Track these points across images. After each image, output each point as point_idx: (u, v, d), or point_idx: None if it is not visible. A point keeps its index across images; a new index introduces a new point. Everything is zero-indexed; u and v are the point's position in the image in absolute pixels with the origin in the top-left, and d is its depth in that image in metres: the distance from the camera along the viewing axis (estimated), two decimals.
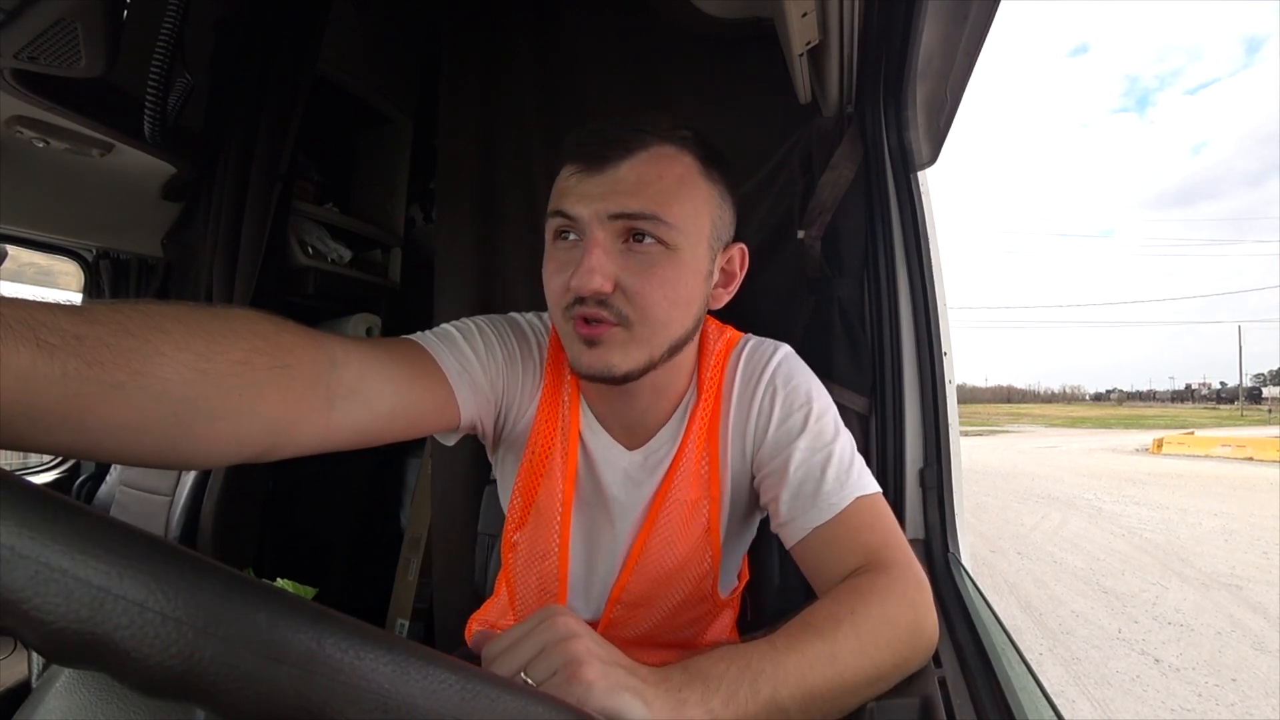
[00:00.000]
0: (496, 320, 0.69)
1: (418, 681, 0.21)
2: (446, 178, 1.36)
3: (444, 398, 0.60)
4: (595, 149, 0.56)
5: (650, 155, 0.56)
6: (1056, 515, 6.92)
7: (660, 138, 0.57)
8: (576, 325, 0.57)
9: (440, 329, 0.65)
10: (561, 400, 0.69)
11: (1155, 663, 3.23)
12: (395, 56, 1.82)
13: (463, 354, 0.62)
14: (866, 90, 0.97)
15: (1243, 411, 61.22)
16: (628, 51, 1.24)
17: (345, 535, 1.87)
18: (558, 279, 0.57)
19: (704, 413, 0.67)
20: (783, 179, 1.09)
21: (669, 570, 0.69)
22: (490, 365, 0.65)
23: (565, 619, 0.39)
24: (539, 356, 0.69)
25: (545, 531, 0.70)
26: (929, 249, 0.97)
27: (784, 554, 0.92)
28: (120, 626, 0.18)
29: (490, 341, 0.66)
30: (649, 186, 0.55)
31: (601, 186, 0.55)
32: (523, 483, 0.70)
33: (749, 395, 0.67)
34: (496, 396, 0.66)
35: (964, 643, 0.60)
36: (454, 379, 0.61)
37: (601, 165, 0.55)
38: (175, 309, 0.41)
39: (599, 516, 0.71)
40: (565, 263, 0.57)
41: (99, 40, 0.89)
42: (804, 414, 0.64)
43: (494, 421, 0.68)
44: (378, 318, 1.78)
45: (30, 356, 0.32)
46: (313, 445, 0.49)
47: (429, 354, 0.60)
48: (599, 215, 0.55)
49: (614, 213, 0.54)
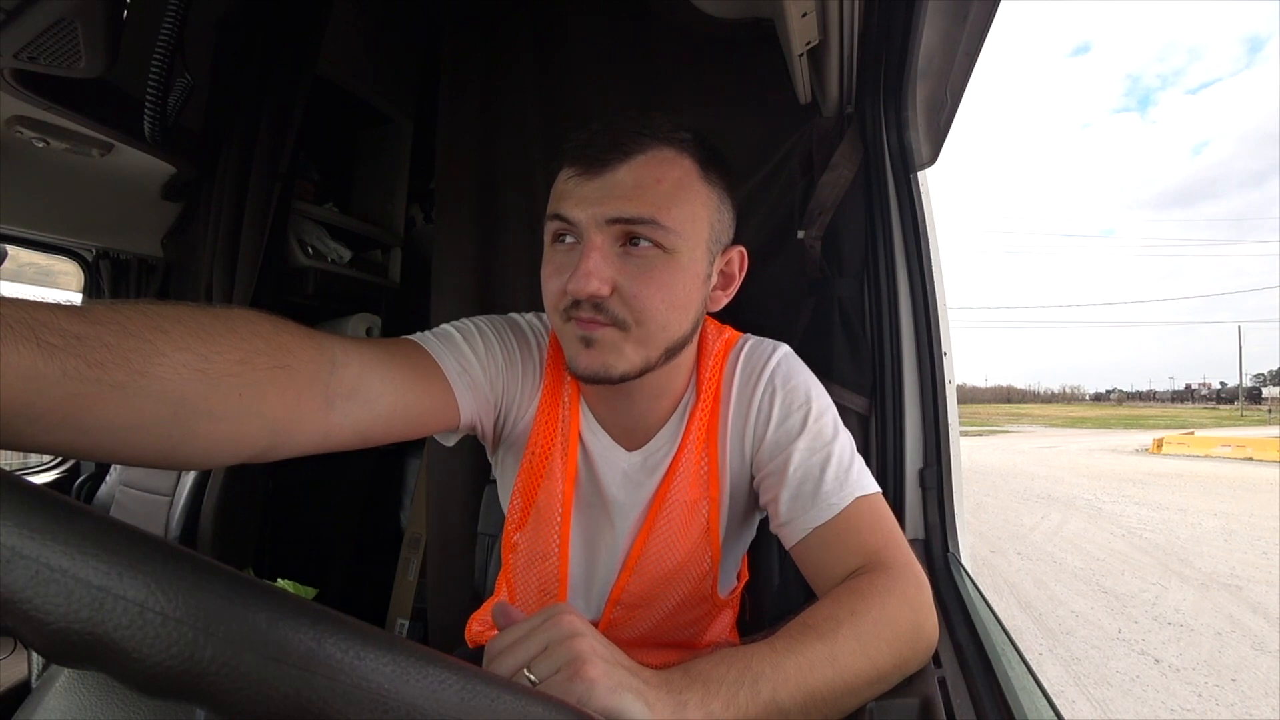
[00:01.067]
0: (496, 321, 0.69)
1: (418, 681, 0.21)
2: (446, 178, 1.36)
3: (444, 398, 0.60)
4: (594, 152, 0.56)
5: (649, 158, 0.56)
6: (1056, 515, 6.92)
7: (659, 140, 0.57)
8: (575, 326, 0.57)
9: (440, 329, 0.65)
10: (561, 401, 0.69)
11: (1155, 663, 3.23)
12: (395, 56, 1.81)
13: (462, 354, 0.63)
14: (866, 90, 0.97)
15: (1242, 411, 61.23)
16: (628, 51, 1.24)
17: (345, 535, 1.87)
18: (555, 281, 0.57)
19: (703, 413, 0.67)
20: (783, 179, 1.09)
21: (668, 571, 0.69)
22: (490, 366, 0.65)
23: (570, 617, 0.39)
24: (539, 357, 0.69)
25: (545, 532, 0.70)
26: (929, 249, 0.97)
27: (784, 554, 0.92)
28: (120, 627, 0.18)
29: (490, 342, 0.66)
30: (647, 190, 0.55)
31: (599, 190, 0.55)
32: (523, 483, 0.70)
33: (748, 395, 0.67)
34: (496, 397, 0.66)
35: (964, 643, 0.60)
36: (454, 379, 0.61)
37: (600, 169, 0.55)
38: (175, 309, 0.41)
39: (599, 517, 0.71)
40: (563, 265, 0.57)
41: (99, 40, 0.89)
42: (803, 414, 0.64)
43: (494, 422, 0.68)
44: (378, 318, 1.78)
45: (31, 356, 0.32)
46: (312, 445, 0.49)
47: (429, 354, 0.60)
48: (596, 219, 0.54)
49: (611, 217, 0.54)
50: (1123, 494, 8.54)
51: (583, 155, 0.56)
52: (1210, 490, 8.97)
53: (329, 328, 1.77)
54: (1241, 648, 3.42)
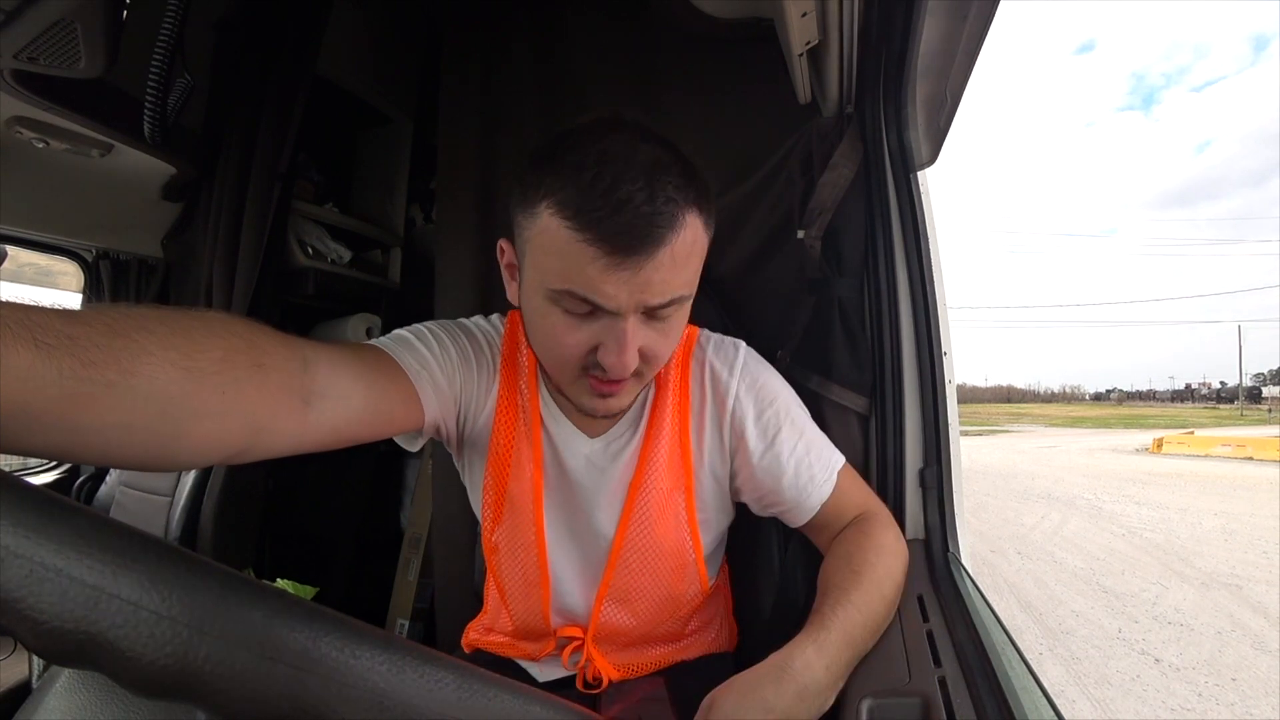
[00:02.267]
0: (445, 324, 0.71)
1: (413, 680, 0.21)
2: (446, 178, 1.36)
3: (409, 395, 0.62)
4: (629, 240, 0.50)
5: (679, 238, 0.52)
6: (1056, 515, 6.92)
7: (683, 207, 0.52)
8: (593, 383, 0.59)
9: (394, 334, 0.68)
10: (519, 390, 0.71)
11: (1155, 662, 3.23)
12: (395, 56, 1.81)
13: (420, 355, 0.65)
14: (866, 90, 0.97)
15: (1243, 411, 61.19)
16: (627, 52, 1.23)
17: (345, 535, 1.87)
18: (571, 340, 0.55)
19: (672, 404, 0.70)
20: (782, 179, 1.09)
21: (652, 560, 0.71)
22: (446, 364, 0.67)
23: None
24: (491, 354, 0.71)
25: (522, 523, 0.72)
26: (929, 249, 0.97)
27: (784, 541, 0.92)
28: (115, 625, 0.18)
29: (444, 342, 0.68)
30: (679, 272, 0.54)
31: (636, 277, 0.51)
32: (492, 478, 0.72)
33: (721, 391, 0.70)
34: (455, 394, 0.68)
35: (964, 642, 0.60)
36: (415, 378, 0.63)
37: (637, 258, 0.50)
38: (156, 311, 0.42)
39: (571, 502, 0.72)
40: (580, 328, 0.55)
41: (99, 40, 0.89)
42: (776, 409, 0.70)
43: (455, 420, 0.70)
44: (378, 318, 1.78)
45: (29, 357, 0.33)
46: (289, 445, 0.50)
47: (389, 355, 0.62)
48: (636, 309, 0.53)
49: (650, 306, 0.53)
50: (1123, 493, 8.53)
51: (613, 240, 0.50)
52: (1210, 490, 8.96)
53: (329, 328, 1.77)
54: (1242, 647, 3.42)
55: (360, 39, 1.69)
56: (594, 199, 0.49)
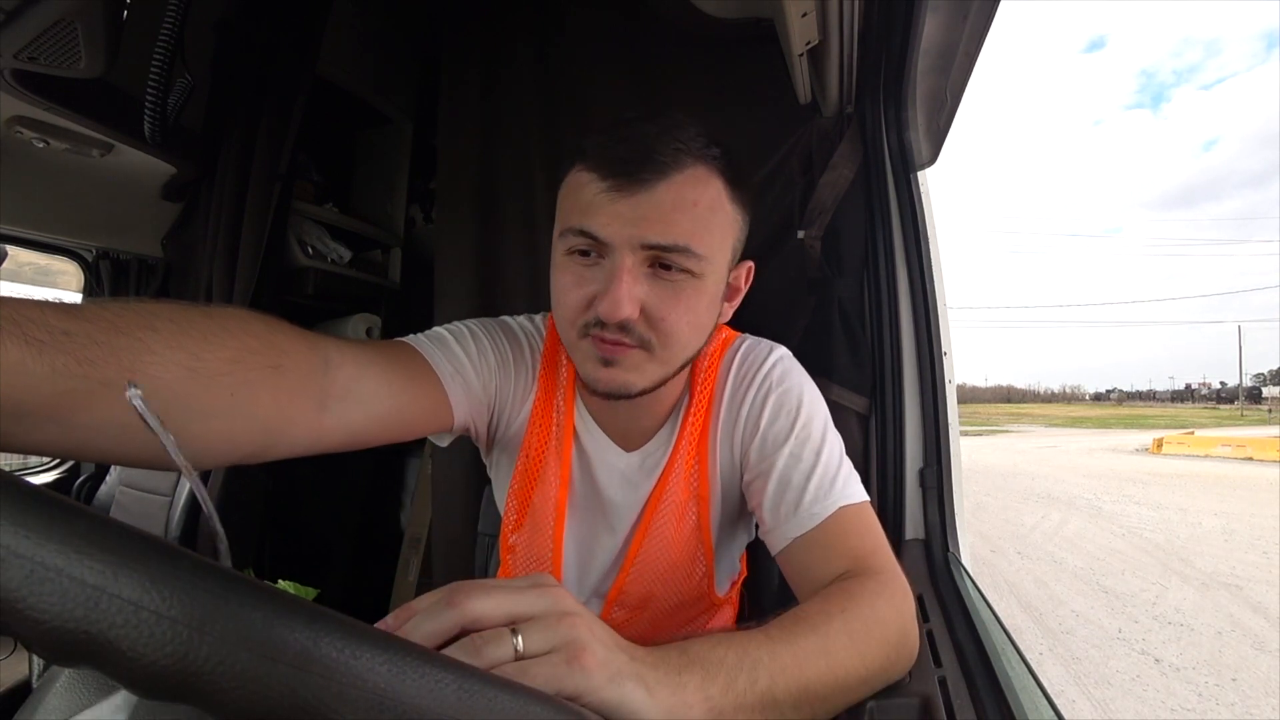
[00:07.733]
0: (488, 323, 0.69)
1: (414, 681, 0.21)
2: (446, 178, 1.36)
3: (437, 400, 0.60)
4: (627, 165, 0.51)
5: (685, 178, 0.52)
6: (1056, 515, 6.92)
7: (694, 157, 0.53)
8: (594, 345, 0.55)
9: (432, 332, 0.65)
10: (555, 403, 0.68)
11: (1155, 662, 3.23)
12: (395, 56, 1.81)
13: (455, 356, 0.62)
14: (866, 90, 0.97)
15: (1243, 411, 61.18)
16: (628, 51, 1.24)
17: (345, 535, 1.87)
18: (575, 294, 0.55)
19: (696, 414, 0.67)
20: (782, 179, 1.09)
21: (664, 571, 0.70)
22: (483, 368, 0.64)
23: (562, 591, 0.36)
24: (531, 359, 0.69)
25: (540, 535, 0.70)
26: (929, 249, 0.97)
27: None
28: (115, 625, 0.18)
29: (482, 344, 0.65)
30: (683, 215, 0.52)
31: (634, 210, 0.51)
32: (518, 486, 0.70)
33: (740, 396, 0.66)
34: (489, 399, 0.66)
35: (964, 643, 0.60)
36: (447, 381, 0.61)
37: (633, 185, 0.51)
38: (167, 307, 0.41)
39: (595, 519, 0.71)
40: (584, 279, 0.54)
41: (99, 40, 0.89)
42: (791, 419, 0.63)
43: (487, 424, 0.68)
44: (378, 318, 1.78)
45: (18, 353, 0.32)
46: (305, 446, 0.49)
47: (422, 356, 0.60)
48: (631, 242, 0.51)
49: (647, 243, 0.52)
50: (1123, 493, 8.53)
51: (612, 165, 0.52)
52: (1210, 490, 8.97)
53: (329, 328, 1.77)
54: (1242, 647, 3.42)
55: (360, 39, 1.69)
56: (610, 139, 0.53)
